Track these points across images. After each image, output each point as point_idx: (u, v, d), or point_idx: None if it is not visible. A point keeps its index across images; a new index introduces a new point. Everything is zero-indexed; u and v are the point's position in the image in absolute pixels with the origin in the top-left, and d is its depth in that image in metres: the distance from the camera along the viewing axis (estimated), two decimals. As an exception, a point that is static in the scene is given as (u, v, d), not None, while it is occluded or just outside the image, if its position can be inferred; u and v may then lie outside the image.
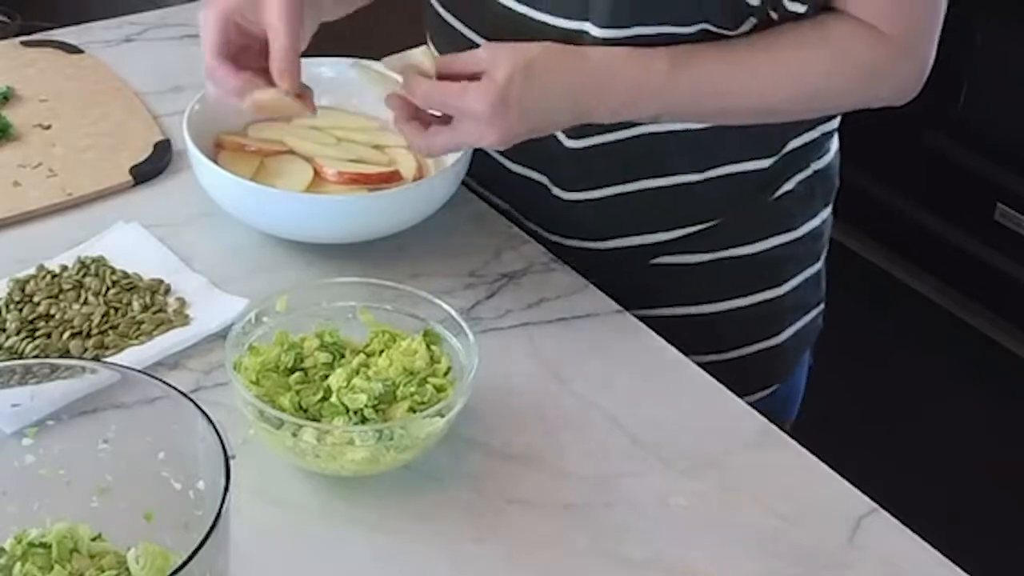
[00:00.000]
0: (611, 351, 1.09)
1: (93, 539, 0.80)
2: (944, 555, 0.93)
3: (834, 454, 1.03)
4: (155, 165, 1.26)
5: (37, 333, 1.04)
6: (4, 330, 1.04)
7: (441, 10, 1.22)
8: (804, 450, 1.01)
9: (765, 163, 1.19)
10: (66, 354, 1.02)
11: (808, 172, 1.24)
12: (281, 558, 0.89)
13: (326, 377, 0.95)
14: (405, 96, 1.07)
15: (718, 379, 1.07)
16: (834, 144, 1.27)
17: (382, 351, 0.97)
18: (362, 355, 0.97)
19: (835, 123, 1.25)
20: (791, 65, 1.08)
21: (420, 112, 1.08)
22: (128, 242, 1.15)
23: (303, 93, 1.07)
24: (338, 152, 1.23)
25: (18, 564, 0.77)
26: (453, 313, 0.99)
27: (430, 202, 1.17)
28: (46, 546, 0.78)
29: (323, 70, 1.30)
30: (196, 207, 1.20)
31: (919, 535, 0.95)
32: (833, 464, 1.00)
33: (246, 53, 1.07)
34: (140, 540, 0.77)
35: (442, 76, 1.05)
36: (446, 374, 0.97)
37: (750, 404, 1.06)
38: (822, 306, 1.33)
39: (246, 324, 0.97)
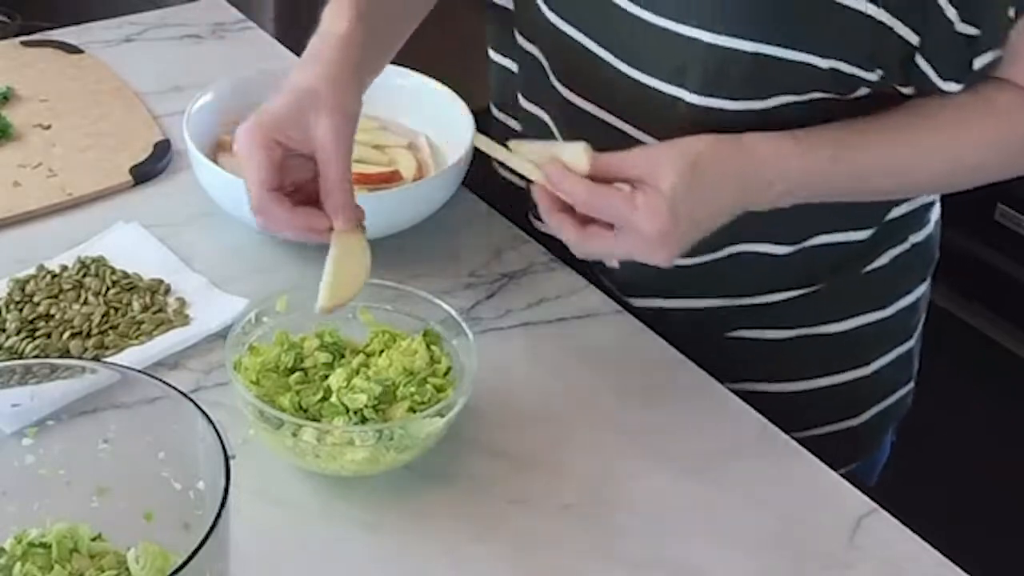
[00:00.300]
0: (611, 351, 1.09)
1: (93, 539, 0.80)
2: (944, 555, 0.93)
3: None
4: (155, 165, 1.26)
5: (37, 333, 1.04)
6: (4, 330, 1.04)
7: (525, 42, 1.15)
8: (804, 450, 1.01)
9: (863, 234, 1.13)
10: (66, 354, 1.02)
11: (905, 246, 1.17)
12: (281, 558, 0.89)
13: (326, 377, 0.95)
14: (552, 190, 0.96)
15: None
16: (934, 215, 1.21)
17: (382, 351, 0.97)
18: (362, 355, 0.97)
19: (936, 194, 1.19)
20: (957, 141, 1.01)
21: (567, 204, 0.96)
22: (128, 242, 1.15)
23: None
24: (338, 152, 1.23)
25: (18, 564, 0.77)
26: (453, 313, 0.99)
27: (430, 202, 1.17)
28: (46, 546, 0.78)
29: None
30: (196, 207, 1.20)
31: (919, 535, 0.95)
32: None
33: (287, 170, 0.96)
34: (140, 540, 0.77)
35: (592, 177, 0.95)
36: (446, 374, 0.97)
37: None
38: (912, 384, 1.26)
39: (246, 324, 0.97)
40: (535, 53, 1.14)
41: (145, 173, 1.25)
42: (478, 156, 1.18)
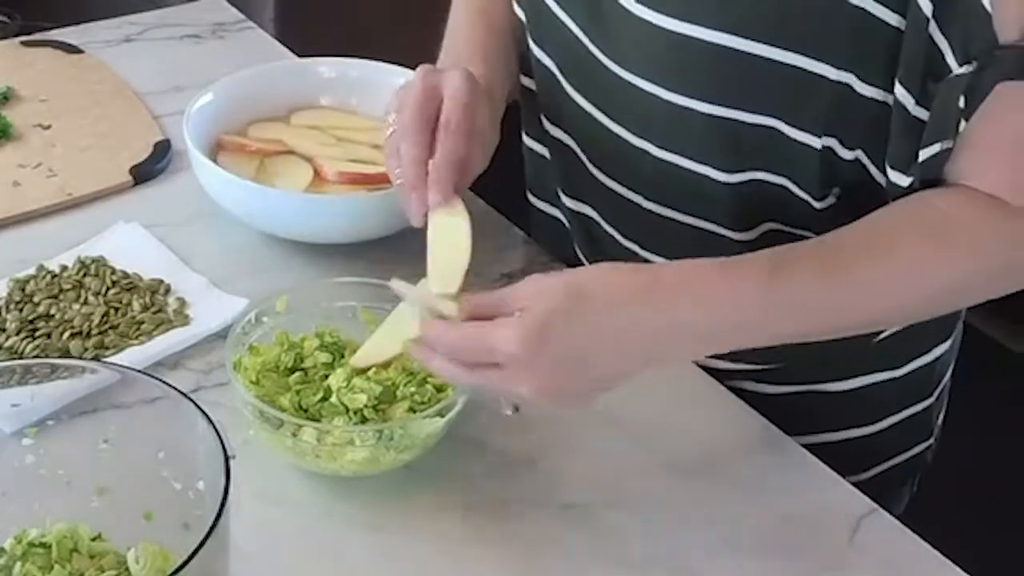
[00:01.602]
0: (611, 351, 1.09)
1: (93, 539, 0.80)
2: (944, 555, 0.93)
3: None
4: (155, 165, 1.26)
5: (37, 333, 1.04)
6: (4, 330, 1.04)
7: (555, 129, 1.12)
8: (804, 450, 1.01)
9: None
10: (66, 354, 1.02)
11: None
12: (281, 558, 0.89)
13: (326, 377, 0.95)
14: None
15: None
16: None
17: (382, 351, 0.97)
18: (362, 355, 0.97)
19: None
20: (911, 263, 0.87)
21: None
22: (128, 242, 1.15)
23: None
24: (338, 152, 1.23)
25: (18, 564, 0.77)
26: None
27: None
28: (46, 546, 0.78)
29: (323, 70, 1.31)
30: (196, 207, 1.20)
31: (919, 535, 0.95)
32: (834, 466, 1.00)
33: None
34: (140, 540, 0.77)
35: (477, 317, 0.86)
36: (446, 374, 0.96)
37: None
38: (931, 441, 1.19)
39: (246, 324, 0.97)
40: (566, 141, 1.10)
41: (145, 173, 1.25)
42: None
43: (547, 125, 1.12)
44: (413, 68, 1.27)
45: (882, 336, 1.09)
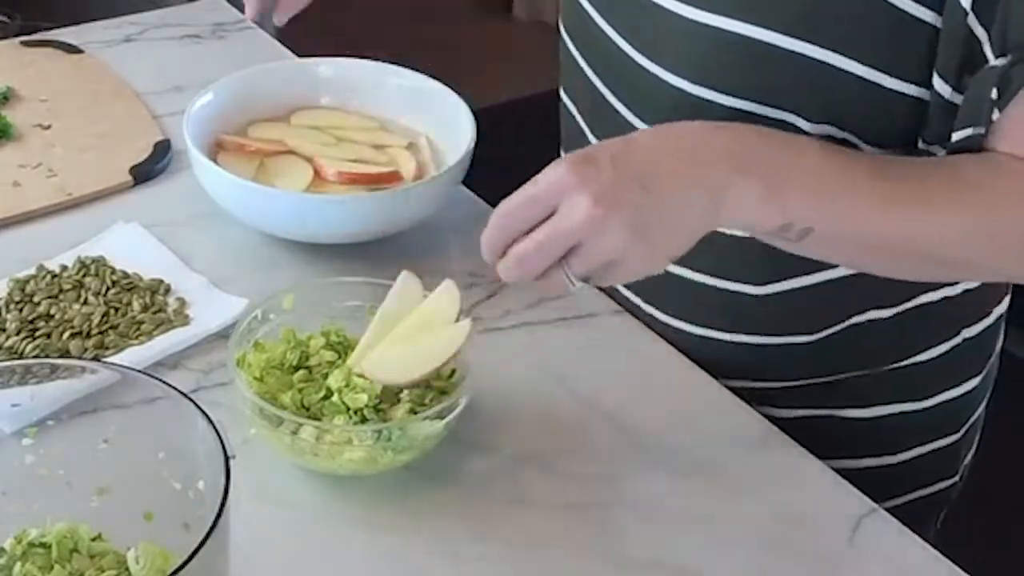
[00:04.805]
0: (611, 351, 1.09)
1: (93, 539, 0.80)
2: (944, 555, 0.93)
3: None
4: (155, 165, 1.26)
5: (37, 333, 1.04)
6: (4, 330, 1.04)
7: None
8: (804, 450, 1.01)
9: (891, 312, 1.04)
10: (66, 354, 1.02)
11: (956, 340, 1.08)
12: (281, 558, 0.89)
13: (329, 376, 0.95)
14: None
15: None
16: (999, 308, 1.11)
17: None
18: (363, 354, 0.97)
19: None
20: (973, 193, 0.87)
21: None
22: (128, 242, 1.15)
23: None
24: (338, 152, 1.23)
25: (18, 564, 0.77)
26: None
27: (430, 202, 1.17)
28: (46, 546, 0.78)
29: (323, 70, 1.31)
30: (196, 207, 1.20)
31: (919, 535, 0.95)
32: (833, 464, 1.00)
33: None
34: (140, 540, 0.77)
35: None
36: (450, 377, 0.96)
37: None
38: (956, 479, 1.16)
39: (252, 320, 0.97)
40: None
41: (145, 173, 1.25)
42: (478, 156, 1.18)
43: (588, 136, 1.11)
44: (413, 68, 1.28)
45: (907, 363, 1.08)
